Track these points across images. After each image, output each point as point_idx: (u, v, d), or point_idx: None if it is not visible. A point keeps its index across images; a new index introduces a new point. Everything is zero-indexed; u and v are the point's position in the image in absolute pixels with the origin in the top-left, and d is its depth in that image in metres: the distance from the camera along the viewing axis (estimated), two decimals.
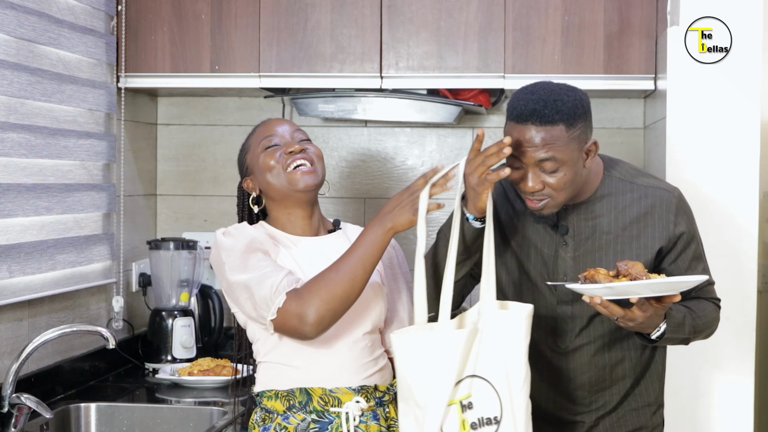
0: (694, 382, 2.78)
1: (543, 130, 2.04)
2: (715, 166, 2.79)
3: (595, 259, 2.20)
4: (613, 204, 2.21)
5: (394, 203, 2.08)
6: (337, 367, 2.17)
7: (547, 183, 2.08)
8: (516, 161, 2.08)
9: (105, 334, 2.48)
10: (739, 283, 2.76)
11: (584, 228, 2.21)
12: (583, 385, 2.28)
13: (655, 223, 2.21)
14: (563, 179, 2.08)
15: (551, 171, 2.06)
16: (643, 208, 2.20)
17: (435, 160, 3.53)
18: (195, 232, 3.54)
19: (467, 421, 1.98)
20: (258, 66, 3.15)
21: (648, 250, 2.20)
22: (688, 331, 2.15)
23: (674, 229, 2.20)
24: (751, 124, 2.79)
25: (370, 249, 2.07)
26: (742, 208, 2.77)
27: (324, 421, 2.15)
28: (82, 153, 2.95)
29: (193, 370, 3.00)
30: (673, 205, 2.21)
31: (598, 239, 2.21)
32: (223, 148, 3.59)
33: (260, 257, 2.12)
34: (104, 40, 3.09)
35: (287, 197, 2.22)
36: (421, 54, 3.12)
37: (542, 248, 2.23)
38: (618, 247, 2.20)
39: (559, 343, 2.26)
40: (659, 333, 2.09)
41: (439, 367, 1.98)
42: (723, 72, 2.79)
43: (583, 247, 2.21)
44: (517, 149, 2.06)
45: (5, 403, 2.37)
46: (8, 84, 2.57)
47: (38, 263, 2.71)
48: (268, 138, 2.23)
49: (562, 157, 2.05)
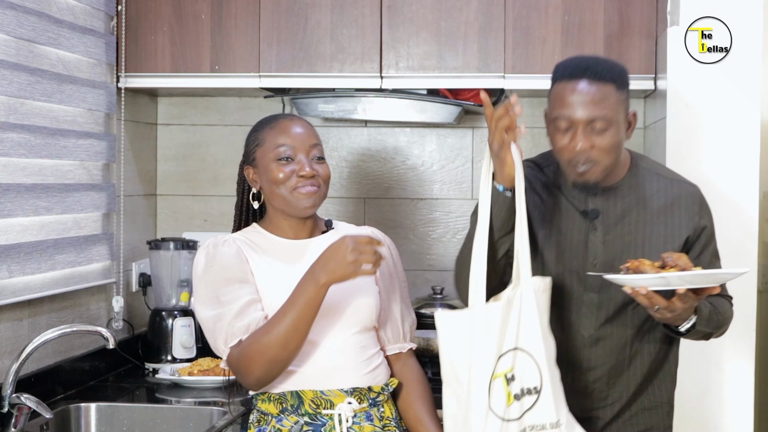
0: (694, 381, 2.78)
1: (596, 86, 2.10)
2: (715, 166, 2.79)
3: (624, 244, 2.22)
4: (640, 192, 2.25)
5: (332, 255, 2.02)
6: (328, 369, 2.16)
7: (595, 144, 2.11)
8: (563, 123, 2.12)
9: (105, 334, 2.48)
10: (739, 283, 2.74)
11: (613, 213, 2.23)
12: (601, 378, 2.27)
13: (681, 214, 2.24)
14: (611, 141, 2.11)
15: (600, 130, 2.10)
16: (669, 198, 2.24)
17: (435, 160, 3.53)
18: (195, 232, 3.54)
19: (511, 393, 2.04)
20: (258, 66, 3.15)
21: (675, 238, 2.22)
22: (713, 326, 2.18)
23: (699, 222, 2.24)
24: (751, 124, 2.79)
25: (303, 309, 2.04)
26: (742, 208, 2.77)
27: (317, 424, 2.15)
28: (81, 153, 2.95)
29: (193, 370, 2.99)
30: (698, 198, 2.27)
31: (627, 224, 2.23)
32: (223, 148, 3.59)
33: (226, 291, 2.13)
34: (104, 40, 3.09)
35: (285, 210, 2.22)
36: (421, 54, 3.12)
37: (572, 234, 2.24)
38: (646, 234, 2.23)
39: (583, 332, 2.26)
40: (689, 325, 2.11)
41: (480, 342, 2.04)
42: (723, 72, 2.79)
43: (613, 232, 2.23)
44: (568, 108, 2.10)
45: (5, 403, 2.37)
46: (8, 84, 2.57)
47: (38, 263, 2.71)
48: (284, 148, 2.19)
49: (612, 116, 2.10)
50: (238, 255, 2.18)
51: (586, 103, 2.10)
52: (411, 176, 3.54)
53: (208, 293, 2.15)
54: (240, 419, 2.62)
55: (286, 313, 2.05)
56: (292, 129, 2.22)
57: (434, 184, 3.54)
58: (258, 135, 2.25)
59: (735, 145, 2.79)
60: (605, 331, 2.25)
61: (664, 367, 2.32)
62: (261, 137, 2.23)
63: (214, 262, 2.17)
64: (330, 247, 2.04)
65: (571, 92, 2.11)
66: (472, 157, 3.52)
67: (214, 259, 2.17)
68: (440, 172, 3.54)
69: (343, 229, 2.32)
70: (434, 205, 3.54)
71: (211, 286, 2.15)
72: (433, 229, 3.54)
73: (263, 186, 2.23)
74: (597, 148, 2.12)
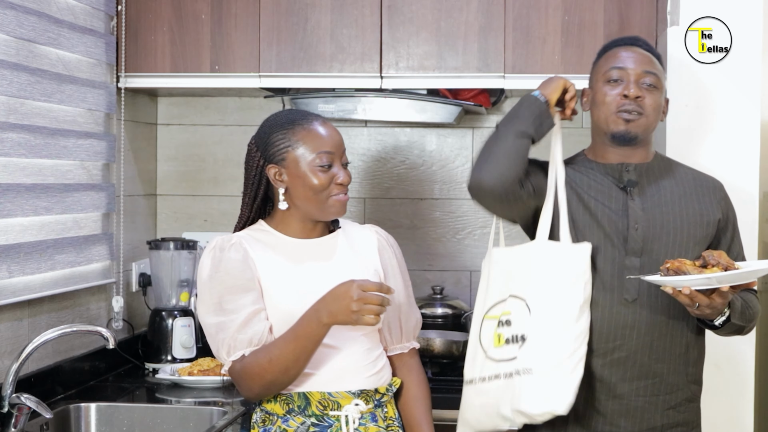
0: None
1: (647, 52, 2.33)
2: (715, 166, 2.79)
3: (663, 213, 2.29)
4: (672, 172, 2.36)
5: (337, 299, 2.04)
6: (337, 371, 2.17)
7: (644, 96, 2.28)
8: (616, 72, 2.29)
9: (105, 334, 2.48)
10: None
11: (648, 186, 2.33)
12: (642, 347, 2.27)
13: (712, 197, 2.35)
14: (657, 100, 2.29)
15: (650, 86, 2.28)
16: (699, 182, 2.37)
17: (435, 160, 3.53)
18: (195, 232, 3.54)
19: (503, 336, 2.23)
20: (258, 66, 3.15)
21: (710, 215, 2.32)
22: (746, 320, 2.25)
23: (728, 210, 2.36)
24: (751, 124, 2.79)
25: (304, 342, 2.07)
26: (742, 208, 2.77)
27: (323, 425, 2.15)
28: (81, 153, 2.95)
29: (193, 370, 2.99)
30: (724, 189, 2.39)
31: (663, 196, 2.32)
32: (223, 148, 3.59)
33: (230, 300, 2.13)
34: (104, 40, 3.09)
35: (314, 214, 2.22)
36: (421, 54, 3.12)
37: (610, 204, 2.31)
38: (683, 206, 2.31)
39: (625, 295, 2.26)
40: (723, 318, 2.18)
41: (485, 281, 2.33)
42: (723, 72, 2.79)
43: (651, 201, 2.31)
44: (623, 61, 2.30)
45: (5, 403, 2.36)
46: (8, 84, 2.57)
47: (38, 263, 2.71)
48: (326, 157, 2.18)
49: (658, 82, 2.30)
50: (245, 261, 2.17)
51: (640, 59, 2.30)
52: (411, 176, 3.54)
53: (212, 299, 2.15)
54: (240, 419, 2.62)
55: (288, 343, 2.08)
56: (331, 135, 2.22)
57: (434, 184, 3.54)
58: (290, 135, 2.20)
59: (735, 145, 2.79)
60: (647, 294, 2.26)
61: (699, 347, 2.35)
62: (295, 139, 2.19)
63: (220, 268, 2.16)
64: (337, 289, 2.05)
65: (626, 50, 2.32)
66: (472, 157, 3.52)
67: (220, 265, 2.16)
68: (440, 172, 3.54)
69: (349, 228, 2.32)
70: (434, 205, 3.54)
71: (215, 293, 2.15)
72: (433, 229, 3.54)
73: (293, 188, 2.19)
74: (646, 100, 2.27)
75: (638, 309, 2.26)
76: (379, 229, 2.35)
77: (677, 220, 2.28)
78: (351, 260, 2.24)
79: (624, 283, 2.26)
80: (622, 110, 2.27)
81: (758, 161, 2.79)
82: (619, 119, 2.27)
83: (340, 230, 2.29)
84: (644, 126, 2.29)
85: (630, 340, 2.26)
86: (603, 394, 2.27)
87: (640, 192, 2.31)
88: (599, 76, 2.33)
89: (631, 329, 2.26)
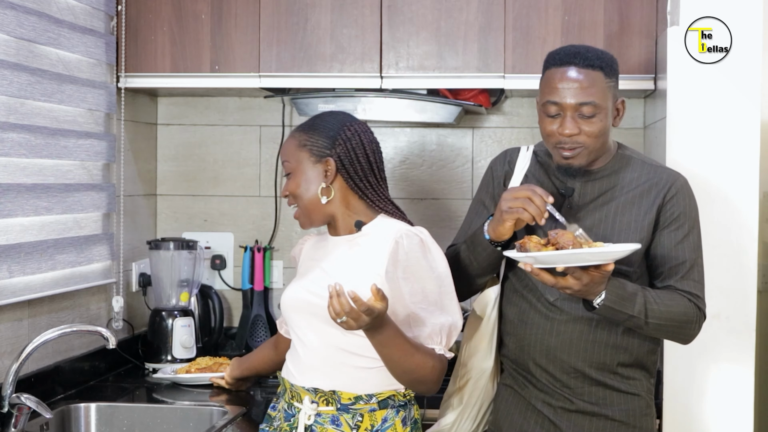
0: (694, 381, 2.78)
1: (584, 72, 2.19)
2: (715, 166, 2.79)
3: (594, 222, 2.27)
4: (619, 177, 2.31)
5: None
6: (297, 364, 2.29)
7: (583, 130, 2.20)
8: (553, 108, 2.20)
9: (105, 334, 2.48)
10: (739, 283, 2.76)
11: (588, 193, 2.30)
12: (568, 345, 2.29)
13: (654, 196, 2.28)
14: (599, 126, 2.20)
15: (589, 116, 2.19)
16: (647, 184, 2.30)
17: (435, 160, 3.53)
18: (195, 232, 3.55)
19: None
20: (258, 66, 3.15)
21: (640, 222, 2.27)
22: (638, 311, 2.17)
23: (670, 203, 2.27)
24: (751, 124, 2.79)
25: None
26: (742, 208, 2.77)
27: (289, 413, 2.29)
28: (81, 153, 2.95)
29: (191, 368, 2.99)
30: (677, 184, 2.30)
31: (599, 204, 2.29)
32: (223, 148, 3.59)
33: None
34: (104, 40, 3.09)
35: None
36: (421, 54, 3.12)
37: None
38: (617, 216, 2.28)
39: (548, 296, 2.29)
40: (599, 300, 2.13)
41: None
42: (723, 72, 2.79)
43: (584, 210, 2.29)
44: (557, 94, 2.18)
45: (5, 403, 2.37)
46: (8, 84, 2.57)
47: (38, 263, 2.71)
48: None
49: (599, 102, 2.19)
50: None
51: (576, 89, 2.18)
52: (411, 176, 3.54)
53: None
54: (240, 419, 2.62)
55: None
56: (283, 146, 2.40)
57: (434, 184, 3.54)
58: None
59: (735, 145, 2.79)
60: (568, 297, 2.26)
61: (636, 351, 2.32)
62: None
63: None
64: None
65: (560, 78, 2.19)
66: (472, 157, 3.52)
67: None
68: (440, 172, 3.54)
69: (377, 230, 2.28)
70: (434, 205, 3.54)
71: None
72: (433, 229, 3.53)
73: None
74: (584, 133, 2.20)
75: (561, 311, 2.28)
76: (406, 235, 2.23)
77: (607, 231, 2.25)
78: (342, 262, 2.27)
79: (547, 286, 2.25)
80: (560, 147, 2.23)
81: (758, 161, 2.79)
82: (561, 154, 2.24)
83: (359, 232, 2.28)
84: (586, 155, 2.24)
85: (554, 339, 2.29)
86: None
87: (579, 199, 2.30)
88: (540, 104, 2.26)
89: (555, 333, 2.30)
